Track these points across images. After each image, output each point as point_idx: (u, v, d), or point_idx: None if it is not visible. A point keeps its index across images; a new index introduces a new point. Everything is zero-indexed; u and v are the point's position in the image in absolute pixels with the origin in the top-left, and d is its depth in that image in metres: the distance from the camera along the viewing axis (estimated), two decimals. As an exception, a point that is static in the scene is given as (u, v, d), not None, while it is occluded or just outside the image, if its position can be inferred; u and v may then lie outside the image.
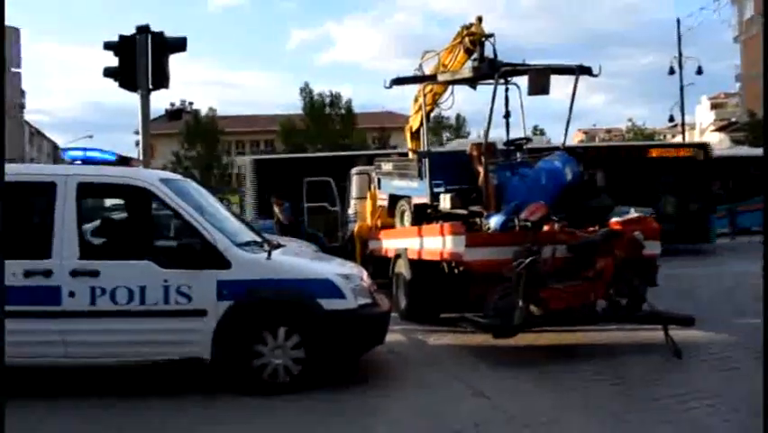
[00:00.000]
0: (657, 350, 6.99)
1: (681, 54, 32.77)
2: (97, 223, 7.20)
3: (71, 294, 5.85)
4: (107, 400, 5.90)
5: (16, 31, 53.24)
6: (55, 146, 66.67)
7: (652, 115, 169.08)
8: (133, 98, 9.74)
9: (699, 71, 33.16)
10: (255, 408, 5.60)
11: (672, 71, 32.87)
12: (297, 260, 6.76)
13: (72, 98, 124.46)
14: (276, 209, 15.55)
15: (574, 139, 55.88)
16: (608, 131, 78.33)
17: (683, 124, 34.88)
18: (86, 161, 6.58)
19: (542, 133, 46.43)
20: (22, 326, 5.76)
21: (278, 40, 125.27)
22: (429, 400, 5.83)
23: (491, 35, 9.93)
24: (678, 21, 33.06)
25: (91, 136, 42.27)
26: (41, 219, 6.29)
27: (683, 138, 35.97)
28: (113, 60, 9.72)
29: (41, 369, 6.60)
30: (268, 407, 5.61)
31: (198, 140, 46.06)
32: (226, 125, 48.91)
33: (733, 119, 50.09)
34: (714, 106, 64.52)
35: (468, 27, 10.13)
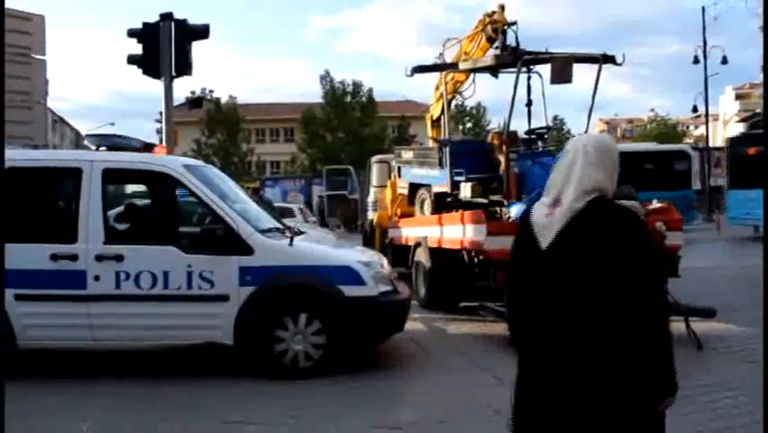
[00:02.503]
0: (678, 342, 6.95)
1: (705, 43, 32.34)
2: (122, 208, 7.30)
3: (96, 278, 5.94)
4: (138, 381, 6.01)
5: (41, 18, 53.73)
6: (78, 133, 67.35)
7: (675, 105, 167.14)
8: (155, 86, 9.93)
9: (725, 61, 32.68)
10: (279, 392, 5.67)
11: (696, 60, 32.45)
12: (318, 246, 6.81)
13: (94, 85, 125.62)
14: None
15: (596, 129, 55.41)
16: (630, 121, 77.57)
17: (707, 115, 34.43)
18: (112, 147, 6.65)
19: (562, 123, 46.09)
20: (49, 309, 5.91)
21: (298, 27, 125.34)
22: (450, 386, 5.86)
23: (514, 23, 9.90)
24: (703, 9, 32.63)
25: (113, 123, 42.57)
26: (67, 204, 6.40)
27: (707, 129, 35.51)
28: (136, 48, 9.81)
29: (72, 353, 6.73)
30: (292, 391, 5.67)
31: (219, 128, 46.36)
32: (246, 113, 49.14)
33: (757, 110, 49.37)
34: (738, 97, 63.60)
35: (490, 15, 10.09)
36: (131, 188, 8.93)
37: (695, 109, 35.60)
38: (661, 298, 2.44)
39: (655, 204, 8.05)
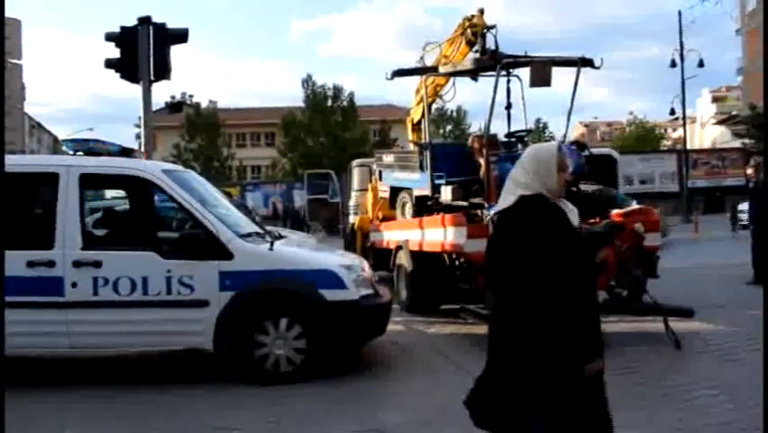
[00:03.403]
0: (657, 341, 7.02)
1: (682, 47, 32.67)
2: (100, 214, 7.23)
3: (74, 285, 5.87)
4: (120, 388, 5.96)
5: (17, 22, 53.16)
6: (55, 139, 66.68)
7: (653, 108, 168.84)
8: (134, 90, 9.85)
9: (701, 64, 33.07)
10: (261, 397, 5.64)
11: (673, 64, 32.79)
12: (299, 251, 6.79)
13: (74, 90, 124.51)
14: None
15: (575, 132, 55.90)
16: (609, 124, 78.27)
17: (684, 118, 34.80)
18: (89, 152, 6.59)
19: (545, 126, 46.41)
20: (25, 316, 5.82)
21: (279, 31, 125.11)
22: (432, 389, 5.86)
23: (493, 27, 9.92)
24: (680, 13, 32.97)
25: (92, 129, 42.22)
26: (44, 210, 6.32)
27: (684, 131, 35.94)
28: (114, 52, 9.73)
29: (56, 360, 6.65)
30: (274, 395, 5.65)
31: (199, 132, 46.12)
32: (227, 118, 48.95)
33: (734, 112, 50.06)
34: (715, 99, 64.47)
35: (470, 18, 10.11)
36: (109, 194, 8.85)
37: (673, 112, 35.95)
38: (567, 286, 2.70)
39: (634, 205, 8.12)
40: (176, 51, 9.82)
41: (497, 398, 2.80)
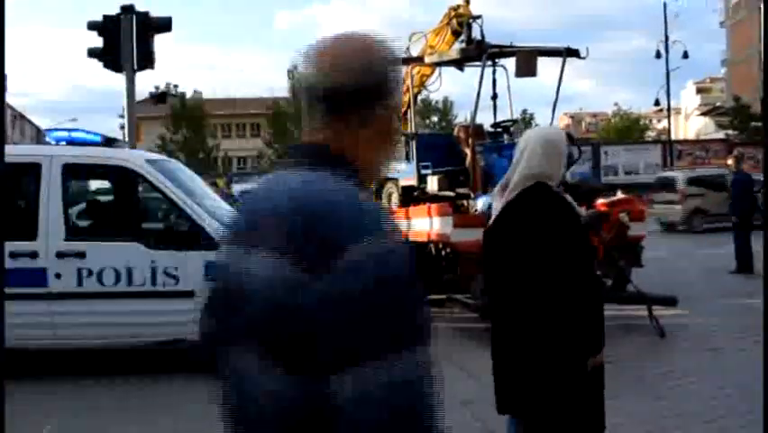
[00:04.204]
0: (641, 330, 7.08)
1: (667, 38, 32.86)
2: (84, 204, 7.17)
3: (57, 276, 5.83)
4: (103, 380, 5.93)
5: (-3, 12, 52.43)
6: (38, 130, 66.01)
7: (638, 99, 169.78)
8: (117, 81, 9.73)
9: (686, 56, 33.26)
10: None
11: (658, 55, 32.96)
12: (284, 241, 6.76)
13: (56, 81, 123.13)
14: None
15: (560, 123, 56.09)
16: (594, 115, 78.59)
17: (669, 109, 35.01)
18: (72, 143, 6.52)
19: (531, 117, 46.48)
20: (8, 308, 5.74)
21: (264, 21, 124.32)
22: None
23: (479, 17, 9.93)
24: (665, 5, 33.15)
25: (75, 119, 41.71)
26: (27, 200, 6.26)
27: (669, 122, 36.15)
28: (97, 41, 9.62)
29: (38, 351, 6.59)
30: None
31: (184, 123, 45.77)
32: (212, 108, 48.62)
33: (718, 104, 50.43)
34: (699, 91, 64.90)
35: (456, 8, 10.12)
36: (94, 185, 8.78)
37: (657, 103, 36.16)
38: (574, 279, 2.65)
39: (619, 195, 8.17)
40: (159, 41, 9.72)
41: (511, 383, 2.76)
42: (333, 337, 1.01)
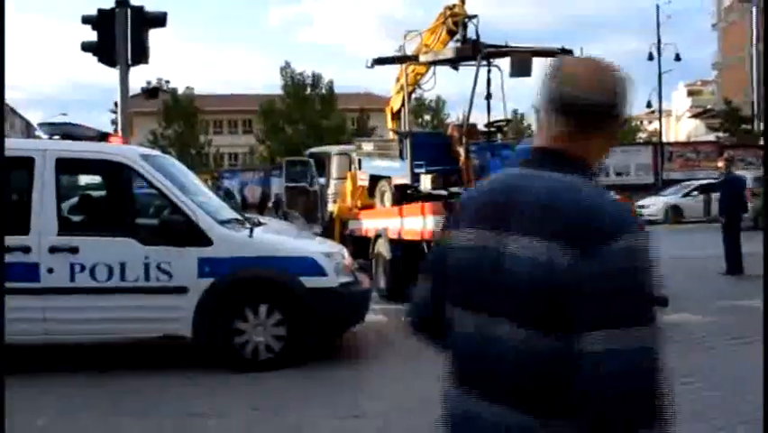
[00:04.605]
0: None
1: (659, 40, 33.05)
2: (74, 199, 7.13)
3: (50, 271, 5.80)
4: (95, 376, 5.90)
5: (-12, 4, 52.02)
6: (28, 123, 65.54)
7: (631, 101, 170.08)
8: (109, 76, 9.74)
9: (678, 58, 33.45)
10: (241, 384, 5.64)
11: (650, 57, 33.13)
12: (278, 238, 6.76)
13: (46, 74, 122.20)
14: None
15: (553, 123, 55.89)
16: (586, 116, 78.80)
17: (660, 111, 35.20)
18: (66, 136, 6.48)
19: (522, 117, 46.57)
20: (0, 302, 5.73)
21: (256, 17, 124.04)
22: (411, 376, 5.88)
23: (474, 16, 9.96)
24: (657, 7, 33.30)
25: (65, 114, 41.53)
26: (19, 195, 6.22)
27: (660, 124, 36.32)
28: (91, 35, 9.58)
29: (30, 347, 6.55)
30: (253, 382, 5.65)
31: (176, 119, 45.60)
32: (204, 104, 48.45)
33: (708, 106, 50.69)
34: (690, 93, 65.17)
35: (451, 8, 10.14)
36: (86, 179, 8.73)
37: (649, 105, 36.38)
38: None
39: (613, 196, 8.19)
40: (152, 36, 9.66)
41: None
42: (594, 307, 1.27)
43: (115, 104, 10.31)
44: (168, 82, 49.03)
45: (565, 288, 1.29)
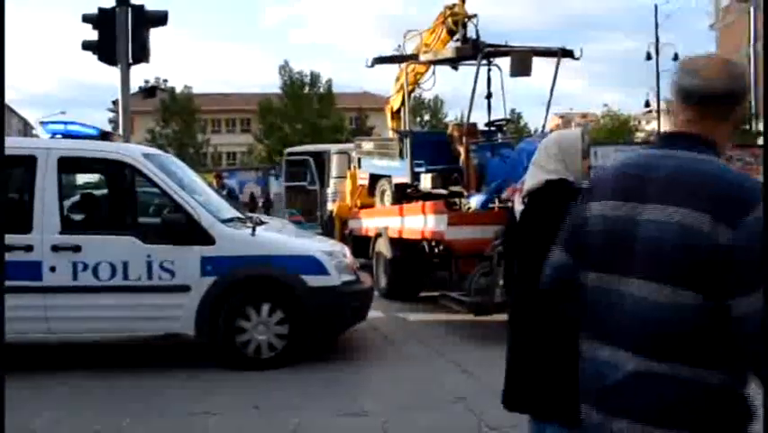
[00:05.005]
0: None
1: (657, 40, 33.08)
2: (75, 198, 7.14)
3: (52, 269, 5.81)
4: (96, 374, 5.90)
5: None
6: (26, 122, 65.38)
7: (628, 101, 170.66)
8: (105, 75, 9.72)
9: (676, 57, 33.45)
10: (242, 382, 5.65)
11: (649, 57, 33.17)
12: (280, 236, 6.78)
13: (42, 74, 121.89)
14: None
15: (551, 123, 56.01)
16: (584, 115, 78.94)
17: (659, 110, 35.24)
18: (67, 135, 6.49)
19: (520, 117, 46.62)
20: (2, 300, 5.73)
21: (253, 16, 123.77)
22: (413, 375, 5.92)
23: (474, 16, 9.98)
24: (656, 7, 33.33)
25: (64, 112, 41.42)
26: (21, 193, 6.23)
27: (658, 124, 36.39)
28: (89, 34, 9.58)
29: (32, 345, 6.57)
30: (255, 381, 5.66)
31: (174, 118, 45.55)
32: (202, 103, 48.41)
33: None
34: (688, 93, 65.19)
35: (451, 7, 10.14)
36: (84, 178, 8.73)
37: (647, 104, 36.41)
38: None
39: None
40: (152, 35, 9.65)
41: (526, 382, 2.83)
42: (747, 273, 1.46)
43: (113, 103, 10.29)
44: (166, 81, 49.01)
45: (712, 253, 1.48)
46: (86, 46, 9.57)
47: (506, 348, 2.99)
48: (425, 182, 9.27)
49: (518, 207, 2.94)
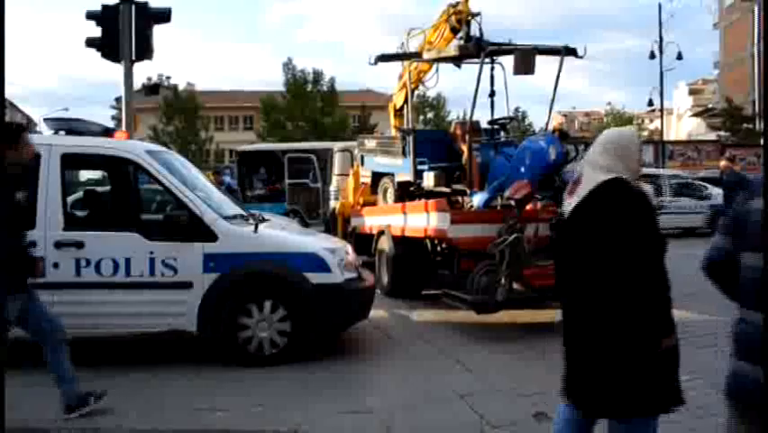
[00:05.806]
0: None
1: (661, 39, 32.94)
2: (82, 194, 7.14)
3: (56, 265, 5.82)
4: (100, 370, 5.89)
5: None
6: (28, 118, 65.39)
7: (631, 99, 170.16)
8: (108, 72, 9.75)
9: (680, 57, 33.37)
10: (245, 379, 5.65)
11: (652, 56, 33.06)
12: (283, 233, 6.78)
13: (44, 70, 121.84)
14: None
15: (554, 122, 55.93)
16: (587, 114, 78.86)
17: (662, 109, 35.15)
18: (71, 132, 6.49)
19: (523, 115, 46.58)
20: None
21: (257, 14, 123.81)
22: (415, 373, 5.92)
23: (478, 14, 9.95)
24: (659, 5, 33.24)
25: (67, 109, 41.41)
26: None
27: (662, 123, 36.29)
28: (92, 30, 9.59)
29: (31, 342, 6.57)
30: (258, 378, 5.67)
31: (176, 115, 45.58)
32: (205, 101, 48.43)
33: (710, 105, 50.65)
34: (692, 92, 65.09)
35: (455, 5, 10.13)
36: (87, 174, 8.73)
37: (650, 103, 36.29)
38: (649, 267, 2.79)
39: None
40: (153, 32, 9.64)
41: (595, 382, 2.84)
42: None
43: (116, 99, 10.30)
44: (168, 78, 48.98)
45: None
46: (90, 43, 9.58)
47: (563, 349, 3.01)
48: (428, 180, 9.26)
49: (568, 205, 2.96)
